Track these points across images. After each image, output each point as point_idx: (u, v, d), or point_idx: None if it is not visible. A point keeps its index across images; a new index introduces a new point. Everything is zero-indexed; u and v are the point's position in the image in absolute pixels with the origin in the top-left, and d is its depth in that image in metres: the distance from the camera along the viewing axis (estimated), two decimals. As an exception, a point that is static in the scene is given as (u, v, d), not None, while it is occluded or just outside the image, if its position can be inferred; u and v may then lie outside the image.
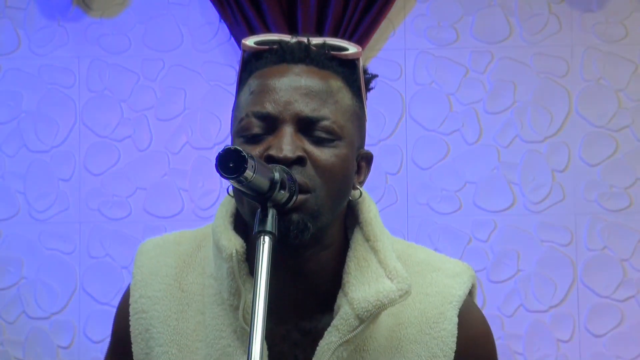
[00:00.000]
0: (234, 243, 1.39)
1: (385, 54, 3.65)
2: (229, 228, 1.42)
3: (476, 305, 1.50)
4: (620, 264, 3.56)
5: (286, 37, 1.44)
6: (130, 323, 1.48)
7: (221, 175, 1.19)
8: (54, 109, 3.72)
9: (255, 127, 1.37)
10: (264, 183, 1.25)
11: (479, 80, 3.63)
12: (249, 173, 1.20)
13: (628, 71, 3.61)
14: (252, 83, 1.40)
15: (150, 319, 1.46)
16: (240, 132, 1.38)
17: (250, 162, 1.20)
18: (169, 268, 1.48)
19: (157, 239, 1.54)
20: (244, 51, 1.44)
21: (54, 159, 3.71)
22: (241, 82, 1.43)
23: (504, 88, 3.63)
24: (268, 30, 3.55)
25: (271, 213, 1.25)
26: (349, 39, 3.46)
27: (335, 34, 3.49)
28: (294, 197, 1.31)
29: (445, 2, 3.66)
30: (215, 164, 1.19)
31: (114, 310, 1.56)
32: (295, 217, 1.33)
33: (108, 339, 1.59)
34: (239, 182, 1.21)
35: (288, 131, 1.35)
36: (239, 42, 3.59)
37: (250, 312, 1.34)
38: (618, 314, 3.55)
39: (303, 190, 1.34)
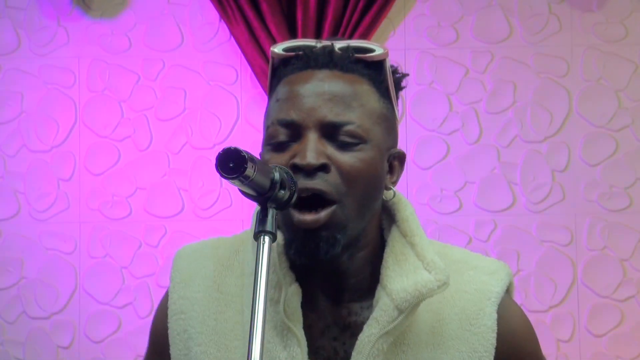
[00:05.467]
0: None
1: (385, 54, 3.64)
2: None
3: (514, 302, 1.52)
4: (620, 264, 3.56)
5: (312, 42, 1.45)
6: (169, 324, 1.50)
7: (221, 175, 1.19)
8: (54, 109, 3.72)
9: (281, 135, 1.38)
10: (264, 183, 1.25)
11: (479, 80, 3.63)
12: (249, 172, 1.20)
13: (628, 71, 3.61)
14: (279, 90, 1.42)
15: (189, 320, 1.48)
16: (268, 140, 1.40)
17: (250, 162, 1.20)
18: (207, 270, 1.50)
19: (195, 244, 1.56)
20: (273, 58, 1.45)
21: (54, 159, 3.71)
22: (271, 89, 1.45)
23: (504, 88, 3.63)
24: (267, 30, 3.55)
25: (271, 213, 1.25)
26: (349, 39, 3.45)
27: (334, 34, 3.49)
28: (294, 196, 1.30)
29: (445, 2, 3.66)
30: (215, 164, 1.20)
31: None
32: (324, 234, 1.35)
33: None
34: (240, 182, 1.21)
35: (312, 138, 1.36)
36: (239, 42, 3.62)
37: (290, 305, 1.39)
38: (618, 314, 3.55)
39: (328, 201, 1.35)
